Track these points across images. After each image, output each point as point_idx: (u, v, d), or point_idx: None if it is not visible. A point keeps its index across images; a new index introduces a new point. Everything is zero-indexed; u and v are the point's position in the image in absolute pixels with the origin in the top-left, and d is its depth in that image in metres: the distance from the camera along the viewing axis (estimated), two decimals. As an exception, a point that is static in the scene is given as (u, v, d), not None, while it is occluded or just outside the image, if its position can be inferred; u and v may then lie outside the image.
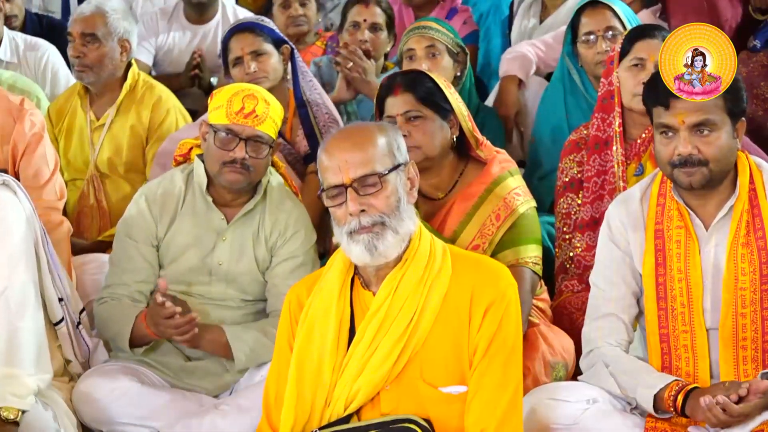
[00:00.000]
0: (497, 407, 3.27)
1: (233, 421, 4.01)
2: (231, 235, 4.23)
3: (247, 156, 4.11)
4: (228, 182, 4.16)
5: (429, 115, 4.18)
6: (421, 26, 5.20)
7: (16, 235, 3.96)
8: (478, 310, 3.30)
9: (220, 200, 4.25)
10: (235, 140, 4.11)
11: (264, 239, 4.23)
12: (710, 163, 3.65)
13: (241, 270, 4.23)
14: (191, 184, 4.27)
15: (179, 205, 4.26)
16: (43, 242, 4.09)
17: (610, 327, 3.82)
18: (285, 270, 4.22)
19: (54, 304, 4.11)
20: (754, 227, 3.73)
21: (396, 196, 3.30)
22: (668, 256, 3.77)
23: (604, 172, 4.46)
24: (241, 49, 5.07)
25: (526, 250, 4.19)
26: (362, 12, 5.69)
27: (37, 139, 4.76)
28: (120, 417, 4.08)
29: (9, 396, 3.77)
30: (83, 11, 5.30)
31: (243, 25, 5.20)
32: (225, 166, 4.13)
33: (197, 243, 4.23)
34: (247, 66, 5.04)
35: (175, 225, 4.25)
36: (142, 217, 4.26)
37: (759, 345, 3.72)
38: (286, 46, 5.11)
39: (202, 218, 4.25)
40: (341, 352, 3.34)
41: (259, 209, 4.25)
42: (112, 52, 5.22)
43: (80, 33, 5.20)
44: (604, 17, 4.95)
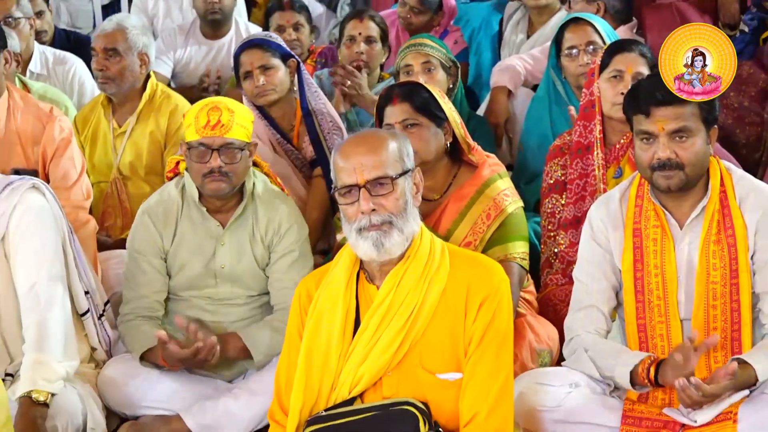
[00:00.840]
0: (490, 393, 3.27)
1: (246, 404, 4.00)
2: (228, 239, 4.19)
3: (222, 164, 4.06)
4: (212, 191, 4.12)
5: (425, 122, 4.16)
6: (417, 44, 5.19)
7: (44, 234, 3.96)
8: (474, 303, 3.30)
9: (213, 208, 4.21)
10: (208, 152, 4.06)
11: (260, 238, 4.19)
12: (687, 167, 3.65)
13: (242, 269, 4.20)
14: (186, 197, 4.23)
15: (178, 217, 4.22)
16: (69, 240, 4.09)
17: (590, 317, 3.82)
18: (284, 265, 4.19)
19: (80, 296, 4.11)
20: (725, 226, 3.73)
21: (404, 198, 3.30)
22: (645, 253, 3.76)
23: (586, 175, 4.45)
24: (250, 63, 5.04)
25: (514, 247, 4.19)
26: (357, 26, 5.67)
27: (65, 144, 4.76)
28: (141, 401, 4.08)
29: (40, 380, 3.75)
30: (105, 28, 5.29)
31: (252, 42, 5.17)
32: (205, 178, 4.09)
33: (199, 250, 4.20)
34: (256, 79, 5.02)
35: (177, 236, 4.21)
36: (147, 232, 4.22)
37: (728, 334, 3.72)
38: (292, 60, 5.09)
39: (200, 227, 4.21)
40: (347, 341, 3.34)
41: (250, 211, 4.21)
42: (132, 65, 5.20)
43: (103, 48, 5.18)
44: (585, 33, 4.94)
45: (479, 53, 6.22)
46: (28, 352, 3.83)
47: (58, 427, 3.80)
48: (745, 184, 3.79)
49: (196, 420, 3.99)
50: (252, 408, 3.98)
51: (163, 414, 4.04)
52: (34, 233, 3.93)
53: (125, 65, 5.17)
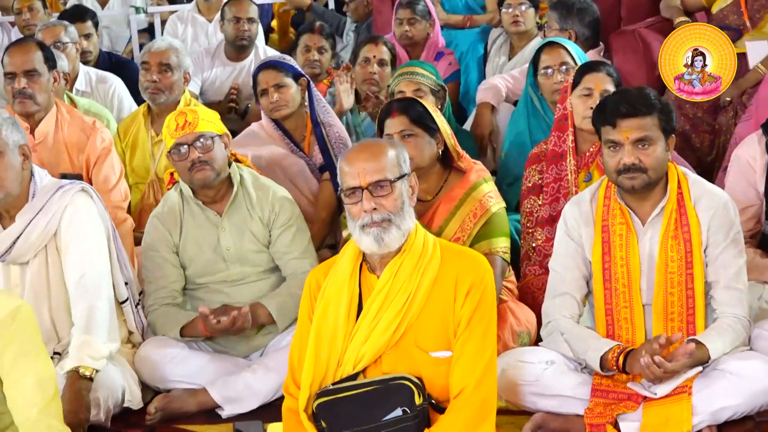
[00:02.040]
0: (476, 369, 3.27)
1: (262, 378, 4.00)
2: (227, 224, 4.18)
3: (199, 154, 4.07)
4: (200, 180, 4.11)
5: (420, 133, 4.16)
6: (410, 72, 5.16)
7: (92, 231, 3.97)
8: (461, 291, 3.29)
9: (207, 200, 4.20)
10: (185, 149, 4.07)
11: (258, 218, 4.18)
12: (649, 170, 3.65)
13: (246, 248, 4.19)
14: (184, 197, 4.23)
15: (181, 215, 4.22)
16: (112, 237, 4.10)
17: (565, 303, 3.81)
18: (287, 239, 4.19)
19: (121, 286, 4.11)
20: (681, 224, 3.73)
21: (401, 199, 3.29)
22: (612, 247, 3.76)
23: (560, 179, 4.44)
24: (266, 82, 5.03)
25: (497, 242, 4.18)
26: (372, 50, 5.64)
27: (106, 152, 4.77)
28: (172, 376, 4.07)
29: (86, 358, 3.78)
30: (159, 46, 5.28)
31: (268, 63, 5.16)
32: (190, 171, 4.09)
33: (205, 240, 4.19)
34: (270, 96, 5.01)
35: (184, 231, 4.21)
36: (158, 232, 4.22)
37: (684, 318, 3.72)
38: (303, 79, 5.08)
39: (201, 218, 4.20)
40: (351, 323, 3.33)
41: (241, 196, 4.20)
42: (179, 81, 5.21)
43: (158, 62, 5.18)
44: (559, 55, 4.92)
45: (467, 73, 6.20)
46: (77, 333, 3.84)
47: (100, 398, 3.82)
48: (699, 187, 3.78)
49: (220, 392, 3.99)
50: (268, 382, 3.97)
51: (190, 387, 4.04)
52: (82, 231, 3.94)
53: (174, 80, 5.18)
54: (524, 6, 5.94)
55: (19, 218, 3.89)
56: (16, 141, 3.84)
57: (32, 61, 4.71)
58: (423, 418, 3.26)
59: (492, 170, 4.91)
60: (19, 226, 3.89)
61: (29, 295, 3.91)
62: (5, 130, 3.81)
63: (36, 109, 4.70)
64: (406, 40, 6.13)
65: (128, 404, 3.97)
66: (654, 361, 3.48)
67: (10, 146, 3.81)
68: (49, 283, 3.95)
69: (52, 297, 3.95)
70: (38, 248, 3.93)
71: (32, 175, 3.94)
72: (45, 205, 3.92)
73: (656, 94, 3.78)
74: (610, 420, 3.58)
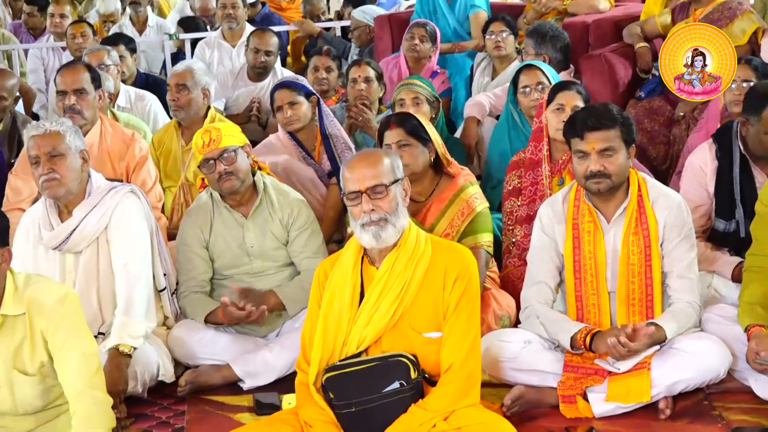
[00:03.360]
0: (463, 347, 3.26)
1: (278, 356, 3.99)
2: (252, 225, 4.15)
3: (225, 166, 4.05)
4: (227, 189, 4.10)
5: (414, 143, 4.14)
6: (409, 83, 5.15)
7: (137, 227, 3.96)
8: (450, 279, 3.28)
9: (234, 204, 4.17)
10: (212, 162, 4.06)
11: (278, 220, 4.15)
12: (612, 176, 3.65)
13: (268, 246, 4.16)
14: (214, 200, 4.20)
15: (212, 216, 4.19)
16: (155, 233, 4.09)
17: (540, 291, 3.81)
18: (303, 239, 4.16)
19: (160, 276, 4.10)
20: (641, 222, 3.72)
21: (396, 200, 3.28)
22: (582, 242, 3.75)
23: (536, 183, 4.42)
24: (281, 99, 5.01)
25: (482, 237, 4.17)
26: (357, 71, 5.61)
27: (143, 160, 4.76)
28: (200, 354, 4.06)
29: (126, 336, 3.77)
30: (177, 69, 5.28)
31: (283, 83, 5.15)
32: (218, 182, 4.08)
33: (232, 238, 4.17)
34: (285, 112, 4.99)
35: (213, 230, 4.18)
36: (191, 230, 4.20)
37: (643, 303, 3.72)
38: (313, 97, 5.06)
39: (228, 220, 4.18)
40: (354, 309, 3.32)
41: (265, 201, 4.18)
42: (197, 98, 5.16)
43: (176, 83, 5.16)
44: (535, 75, 4.90)
45: (456, 91, 6.19)
46: (119, 314, 3.84)
47: (138, 372, 3.82)
48: (656, 190, 3.78)
49: (241, 368, 3.98)
50: (283, 358, 3.96)
51: (216, 363, 4.02)
52: (129, 226, 3.93)
53: (191, 97, 5.13)
54: (505, 33, 5.92)
55: (76, 213, 3.89)
56: (78, 146, 3.87)
57: (81, 81, 4.70)
58: (417, 389, 3.26)
59: (477, 175, 4.92)
60: (75, 220, 3.89)
61: (80, 281, 3.91)
62: (69, 136, 3.83)
63: (83, 122, 4.67)
64: (414, 53, 6.10)
65: (162, 378, 3.96)
66: (619, 342, 3.49)
67: (73, 150, 3.83)
68: (99, 270, 3.94)
69: (100, 283, 3.94)
70: (91, 240, 3.92)
71: (89, 177, 3.95)
72: (99, 202, 3.92)
73: (619, 110, 3.78)
74: (580, 392, 3.58)
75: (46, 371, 3.00)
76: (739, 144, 4.09)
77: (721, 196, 4.12)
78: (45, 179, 3.80)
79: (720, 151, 4.15)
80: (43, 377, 3.01)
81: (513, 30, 5.98)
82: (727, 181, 4.10)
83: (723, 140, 4.16)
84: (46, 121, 3.88)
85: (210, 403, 3.89)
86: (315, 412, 3.27)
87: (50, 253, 3.92)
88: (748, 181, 4.07)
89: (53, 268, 3.89)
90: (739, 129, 4.09)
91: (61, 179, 3.81)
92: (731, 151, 4.11)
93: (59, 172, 3.80)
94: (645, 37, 5.82)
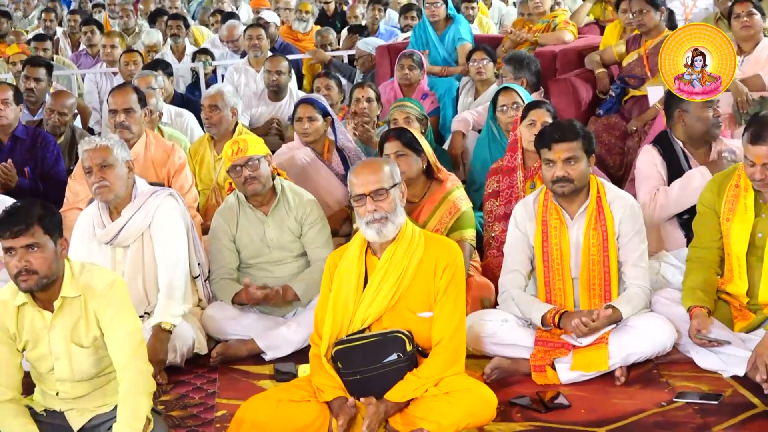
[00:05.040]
0: (450, 325, 3.25)
1: (295, 332, 3.97)
2: (271, 222, 4.13)
3: (249, 172, 4.04)
4: (251, 191, 4.08)
5: (409, 153, 4.13)
6: (401, 105, 5.14)
7: (175, 225, 3.95)
8: (439, 268, 3.26)
9: (257, 204, 4.15)
10: (239, 168, 4.05)
11: (294, 217, 4.13)
12: (575, 181, 3.64)
13: (285, 239, 4.14)
14: (240, 201, 4.18)
15: (238, 214, 4.17)
16: (191, 229, 4.07)
17: (515, 278, 3.80)
18: (314, 233, 4.14)
19: (194, 265, 4.08)
20: (600, 219, 3.71)
21: (395, 202, 3.26)
22: (550, 236, 3.74)
23: (512, 186, 4.39)
24: (302, 112, 4.98)
25: (467, 232, 4.16)
26: (360, 92, 5.59)
27: (181, 167, 4.75)
28: (229, 330, 4.04)
29: (167, 316, 3.77)
30: (209, 92, 5.23)
31: (307, 99, 5.12)
32: (244, 185, 4.07)
33: (254, 232, 4.14)
34: (303, 123, 4.96)
35: (239, 226, 4.16)
36: (221, 226, 4.18)
37: (602, 287, 3.71)
38: (329, 117, 5.03)
39: (252, 217, 4.15)
40: (359, 292, 3.30)
41: (282, 202, 4.15)
42: (227, 116, 5.12)
43: (209, 105, 5.13)
44: (511, 96, 4.88)
45: (444, 109, 6.16)
46: (161, 298, 3.83)
47: (176, 346, 3.82)
48: (613, 192, 3.77)
49: (264, 342, 3.96)
50: (299, 334, 3.94)
51: (242, 338, 4.00)
52: (168, 224, 3.92)
53: (222, 116, 5.10)
54: (485, 61, 5.90)
55: (124, 213, 3.89)
56: (124, 157, 3.86)
57: (129, 101, 4.67)
58: (412, 360, 3.24)
59: (462, 180, 4.90)
60: (123, 219, 3.88)
61: (128, 271, 3.89)
62: (116, 149, 3.84)
63: (131, 136, 4.65)
64: (405, 80, 6.09)
65: (197, 350, 3.94)
66: (582, 322, 3.51)
67: (119, 161, 3.83)
68: (143, 261, 3.92)
69: (145, 272, 3.93)
70: (136, 236, 3.91)
71: (134, 182, 3.94)
72: (143, 204, 3.91)
73: (581, 125, 3.78)
74: (548, 362, 3.57)
75: (98, 344, 2.99)
76: (678, 142, 4.11)
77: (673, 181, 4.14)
78: (97, 186, 3.80)
79: (663, 150, 4.16)
80: (96, 349, 2.99)
81: (492, 58, 5.96)
82: (677, 174, 4.11)
83: (663, 143, 4.19)
84: (97, 136, 3.89)
85: (237, 371, 3.87)
86: (326, 379, 3.25)
87: (103, 247, 3.91)
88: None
89: (105, 260, 3.88)
90: (674, 129, 4.10)
91: (110, 186, 3.81)
92: (673, 149, 4.13)
93: (108, 180, 3.80)
94: (603, 63, 5.80)
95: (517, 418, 3.32)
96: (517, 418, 3.31)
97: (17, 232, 2.80)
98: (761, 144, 3.41)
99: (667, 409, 3.31)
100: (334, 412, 3.17)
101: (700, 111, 4.00)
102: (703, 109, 3.98)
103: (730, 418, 3.21)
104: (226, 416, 3.42)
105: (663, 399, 3.38)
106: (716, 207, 3.66)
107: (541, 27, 6.30)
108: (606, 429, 3.21)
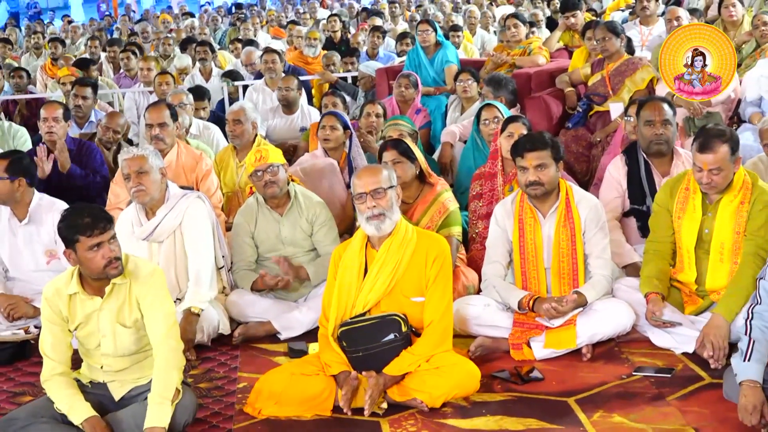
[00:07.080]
0: (439, 308, 3.25)
1: (306, 314, 3.96)
2: (286, 222, 4.11)
3: (269, 177, 4.02)
4: (270, 194, 4.06)
5: (404, 161, 4.12)
6: (394, 123, 5.14)
7: (202, 224, 3.94)
8: (430, 259, 3.27)
9: (273, 206, 4.13)
10: (260, 173, 4.03)
11: (305, 218, 4.11)
12: (545, 184, 3.64)
13: (297, 237, 4.12)
14: (258, 203, 4.16)
15: (257, 215, 4.15)
16: (215, 227, 4.06)
17: (495, 268, 3.79)
18: (323, 232, 4.11)
19: (219, 258, 4.07)
20: (568, 218, 3.71)
21: (391, 201, 3.28)
22: (525, 232, 3.74)
23: (493, 189, 4.39)
24: (327, 120, 4.99)
25: (454, 229, 4.15)
26: (371, 107, 5.59)
27: (207, 173, 4.74)
28: (249, 313, 4.03)
29: (196, 301, 3.78)
30: (233, 108, 5.20)
31: (333, 112, 5.14)
32: (264, 188, 4.05)
33: (271, 230, 4.12)
34: (326, 130, 4.95)
35: (258, 225, 4.13)
36: (241, 225, 4.15)
37: (571, 276, 3.71)
38: (348, 131, 5.02)
39: (269, 217, 4.13)
40: (360, 281, 3.31)
41: (296, 204, 4.13)
42: (248, 129, 5.09)
43: (232, 119, 5.11)
44: (493, 111, 4.88)
45: (435, 123, 6.16)
46: (190, 286, 3.84)
47: (204, 327, 3.81)
48: (579, 194, 3.76)
49: (279, 323, 3.95)
50: (309, 316, 3.93)
51: (260, 321, 3.99)
52: (197, 223, 3.92)
53: (244, 129, 5.07)
54: (470, 81, 5.90)
55: (158, 213, 3.89)
56: (158, 165, 3.87)
57: (163, 117, 4.68)
58: (407, 339, 3.24)
59: (450, 184, 4.89)
60: (158, 218, 3.89)
61: (163, 263, 3.89)
62: (151, 158, 3.85)
63: (164, 147, 4.66)
64: (402, 98, 6.10)
65: (222, 331, 3.93)
66: (553, 307, 3.51)
67: (154, 168, 3.84)
68: (175, 255, 3.92)
69: (177, 263, 3.92)
70: (169, 233, 3.91)
71: (167, 187, 3.94)
72: (175, 206, 3.91)
73: (550, 136, 3.77)
74: (525, 341, 3.56)
75: (138, 325, 3.00)
76: (642, 154, 4.11)
77: (633, 189, 4.13)
78: (134, 190, 3.82)
79: (628, 160, 4.16)
80: (137, 329, 3.01)
81: (476, 78, 5.95)
82: (637, 180, 4.10)
83: (630, 153, 4.19)
84: (135, 147, 3.89)
85: (256, 349, 3.86)
86: (332, 355, 3.25)
87: (140, 242, 3.91)
88: (650, 179, 4.09)
89: (142, 254, 3.85)
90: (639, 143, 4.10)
91: (146, 190, 3.82)
92: (637, 159, 4.12)
93: (144, 185, 3.80)
94: (572, 83, 5.80)
95: (497, 389, 3.32)
96: (498, 389, 3.32)
97: (104, 228, 2.90)
98: (707, 152, 3.41)
99: (627, 381, 3.32)
100: (339, 384, 3.18)
101: (642, 127, 4.01)
102: (645, 126, 3.99)
103: (681, 389, 3.22)
104: (246, 387, 3.42)
105: (623, 372, 3.38)
106: (669, 206, 3.66)
107: (519, 52, 6.30)
108: (574, 398, 3.21)
